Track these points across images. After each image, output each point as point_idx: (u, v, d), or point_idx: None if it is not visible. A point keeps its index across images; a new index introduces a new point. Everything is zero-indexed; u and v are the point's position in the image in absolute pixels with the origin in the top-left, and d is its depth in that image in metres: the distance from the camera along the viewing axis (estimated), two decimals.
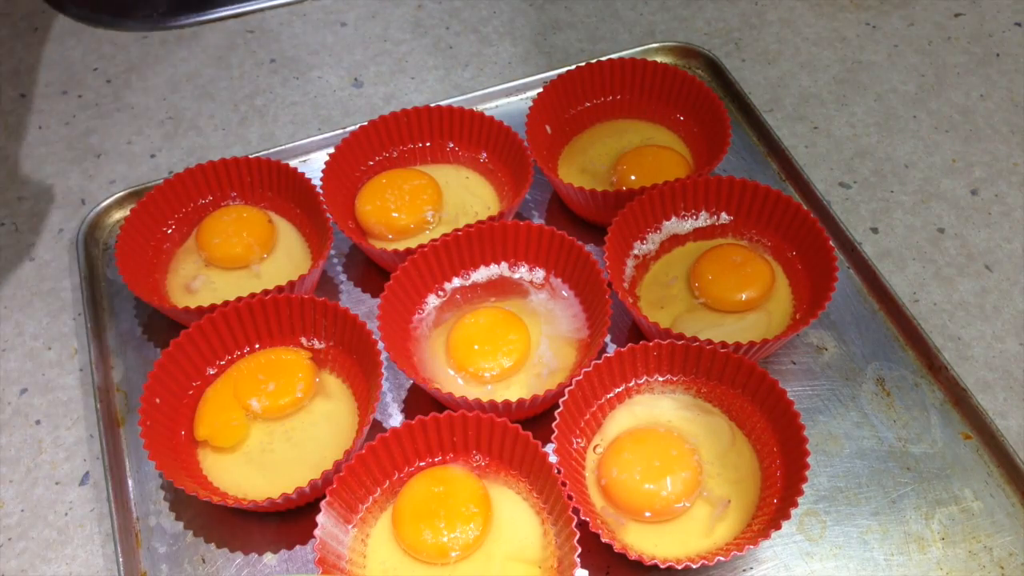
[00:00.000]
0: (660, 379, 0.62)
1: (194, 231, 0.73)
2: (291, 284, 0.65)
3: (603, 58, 0.80)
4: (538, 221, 0.69)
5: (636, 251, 0.70)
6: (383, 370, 0.60)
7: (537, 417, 0.63)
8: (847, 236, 0.73)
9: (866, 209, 0.78)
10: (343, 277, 0.74)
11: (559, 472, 0.55)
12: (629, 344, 0.60)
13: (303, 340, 0.66)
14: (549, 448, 0.56)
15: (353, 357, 0.64)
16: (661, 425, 0.60)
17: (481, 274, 0.69)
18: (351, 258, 0.75)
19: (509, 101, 0.86)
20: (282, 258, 0.72)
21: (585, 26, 0.95)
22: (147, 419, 0.59)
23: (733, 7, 0.97)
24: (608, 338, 0.68)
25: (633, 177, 0.73)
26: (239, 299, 0.64)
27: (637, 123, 0.80)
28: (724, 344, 0.60)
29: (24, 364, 0.70)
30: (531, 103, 0.75)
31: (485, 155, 0.77)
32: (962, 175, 0.81)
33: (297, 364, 0.64)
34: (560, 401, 0.58)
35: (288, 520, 0.60)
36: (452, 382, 0.64)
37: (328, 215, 0.69)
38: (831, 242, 0.66)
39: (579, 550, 0.53)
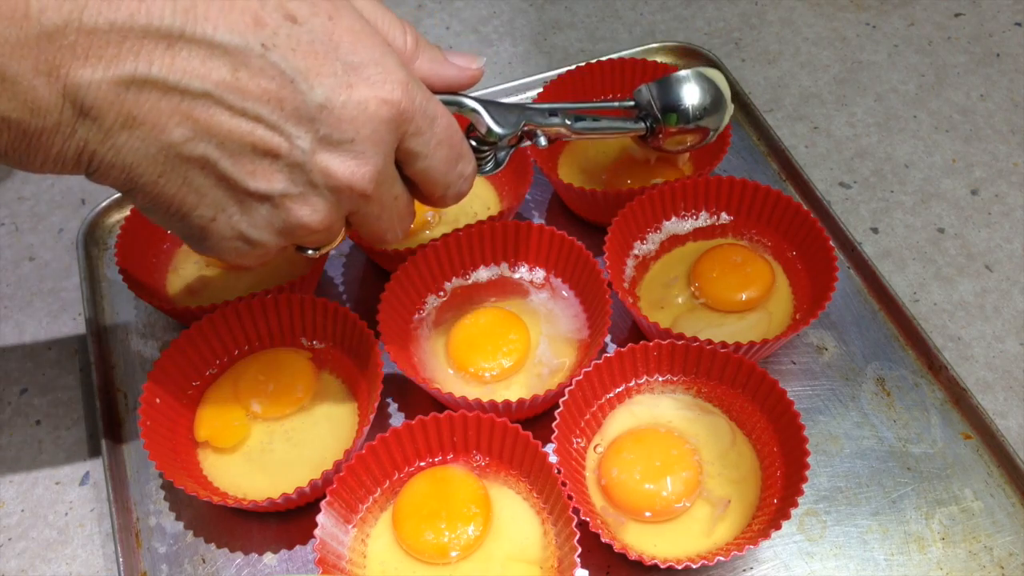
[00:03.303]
0: (660, 379, 0.62)
1: None
2: (291, 284, 0.65)
3: (603, 58, 0.80)
4: (538, 221, 0.69)
5: (636, 251, 0.70)
6: (383, 370, 0.60)
7: (537, 417, 0.63)
8: (847, 236, 0.73)
9: (866, 209, 0.78)
10: (343, 277, 0.74)
11: (559, 472, 0.55)
12: (629, 344, 0.60)
13: (303, 340, 0.66)
14: (549, 448, 0.56)
15: (353, 357, 0.64)
16: (661, 425, 0.60)
17: (481, 274, 0.69)
18: (351, 258, 0.75)
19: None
20: (282, 259, 0.72)
21: (585, 26, 0.95)
22: (147, 419, 0.59)
23: (733, 7, 0.97)
24: (608, 338, 0.68)
25: (630, 180, 0.73)
26: (239, 299, 0.64)
27: None
28: (724, 344, 0.60)
29: (24, 364, 0.70)
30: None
31: None
32: (962, 175, 0.81)
33: (297, 364, 0.64)
34: (560, 401, 0.58)
35: (288, 520, 0.60)
36: (452, 382, 0.64)
37: None
38: (831, 242, 0.66)
39: (579, 550, 0.53)
